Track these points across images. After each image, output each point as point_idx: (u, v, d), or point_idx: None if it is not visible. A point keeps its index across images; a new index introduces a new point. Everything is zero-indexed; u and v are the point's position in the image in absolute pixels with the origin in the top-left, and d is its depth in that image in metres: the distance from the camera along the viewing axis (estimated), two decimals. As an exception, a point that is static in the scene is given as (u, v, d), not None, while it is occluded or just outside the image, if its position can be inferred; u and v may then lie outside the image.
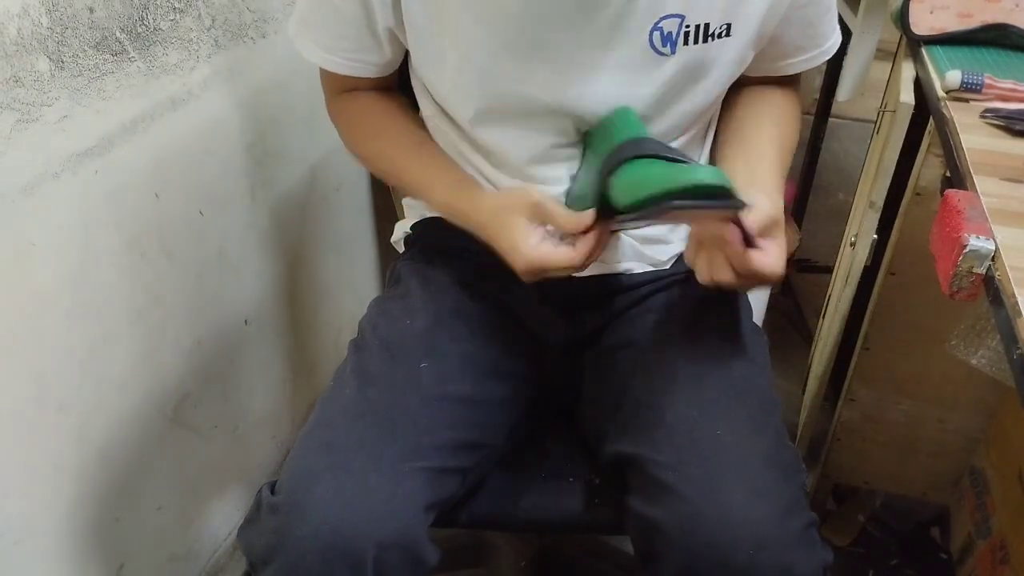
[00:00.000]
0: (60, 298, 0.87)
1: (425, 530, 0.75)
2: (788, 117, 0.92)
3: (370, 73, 0.87)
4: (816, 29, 0.87)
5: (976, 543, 1.28)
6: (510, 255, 0.78)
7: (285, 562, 0.70)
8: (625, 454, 0.79)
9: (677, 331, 0.87)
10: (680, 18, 0.77)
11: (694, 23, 0.77)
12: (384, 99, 0.92)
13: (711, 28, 0.78)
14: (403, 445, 0.76)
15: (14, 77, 0.77)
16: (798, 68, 0.90)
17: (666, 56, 0.78)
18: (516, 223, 0.77)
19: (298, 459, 0.75)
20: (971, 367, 1.02)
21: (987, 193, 0.77)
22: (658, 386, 0.81)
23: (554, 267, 0.76)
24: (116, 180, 0.91)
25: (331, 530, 0.70)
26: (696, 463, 0.74)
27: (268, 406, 1.31)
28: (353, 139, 0.94)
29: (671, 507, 0.72)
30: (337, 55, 0.85)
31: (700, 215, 0.72)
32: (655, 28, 0.77)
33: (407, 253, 1.00)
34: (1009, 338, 0.62)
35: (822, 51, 0.90)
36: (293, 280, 1.32)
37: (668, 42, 0.78)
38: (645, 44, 0.77)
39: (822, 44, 0.89)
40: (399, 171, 0.91)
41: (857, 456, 1.39)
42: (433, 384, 0.81)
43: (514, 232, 0.77)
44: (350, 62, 0.86)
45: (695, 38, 0.78)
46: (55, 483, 0.91)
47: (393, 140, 0.90)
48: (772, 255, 0.73)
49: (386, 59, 0.86)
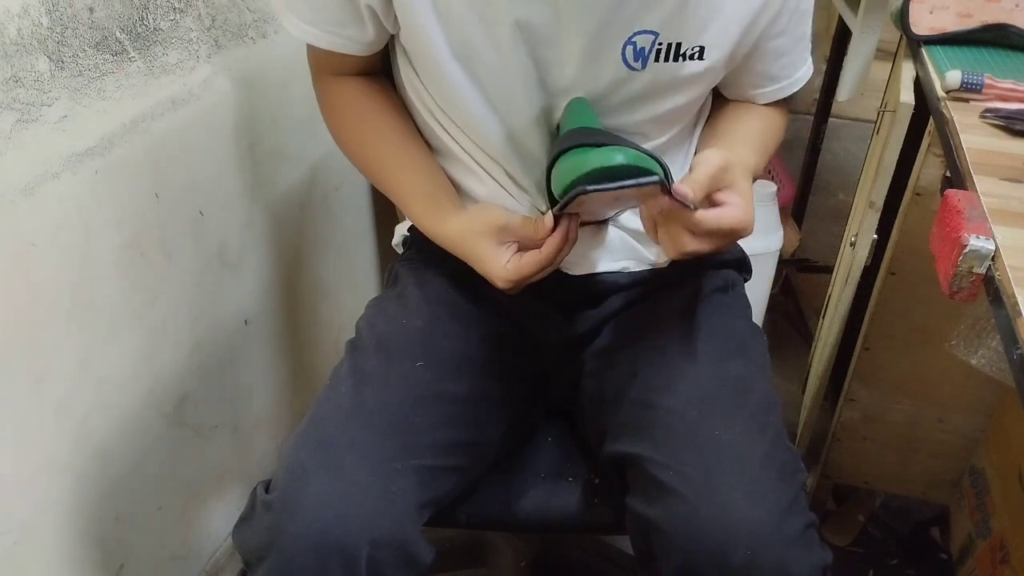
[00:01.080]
0: (60, 298, 0.87)
1: (419, 528, 0.75)
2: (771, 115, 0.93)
3: (353, 51, 0.85)
4: (788, 59, 0.88)
5: (976, 543, 1.28)
6: (486, 276, 0.80)
7: (278, 560, 0.70)
8: (624, 454, 0.79)
9: (676, 330, 0.87)
10: (654, 35, 0.77)
11: (667, 41, 0.78)
12: (368, 88, 0.89)
13: (683, 48, 0.78)
14: (397, 443, 0.76)
15: (14, 77, 0.77)
16: (769, 98, 0.91)
17: (636, 71, 0.79)
18: (484, 247, 0.79)
19: (291, 457, 0.75)
20: (971, 367, 1.02)
21: (987, 193, 0.77)
22: (657, 385, 0.81)
23: (530, 275, 0.78)
24: (116, 180, 0.91)
25: (324, 528, 0.70)
26: (695, 463, 0.74)
27: (268, 406, 1.31)
28: (334, 128, 0.93)
29: (669, 507, 0.72)
30: (318, 27, 0.83)
31: (624, 195, 0.71)
32: (628, 42, 0.77)
33: (405, 254, 1.00)
34: (1009, 338, 0.62)
35: (792, 81, 0.90)
36: (293, 280, 1.32)
37: (640, 57, 0.78)
38: (617, 58, 0.78)
39: (792, 75, 0.90)
40: (375, 175, 0.91)
41: (857, 456, 1.39)
42: (428, 383, 0.81)
43: (484, 256, 0.79)
44: (331, 35, 0.83)
45: (667, 56, 0.78)
46: (55, 483, 0.91)
47: (372, 141, 0.89)
48: (733, 206, 0.73)
49: (368, 38, 0.84)
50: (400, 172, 0.88)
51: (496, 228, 0.79)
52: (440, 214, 0.85)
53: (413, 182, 0.87)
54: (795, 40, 0.86)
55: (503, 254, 0.79)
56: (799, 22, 0.85)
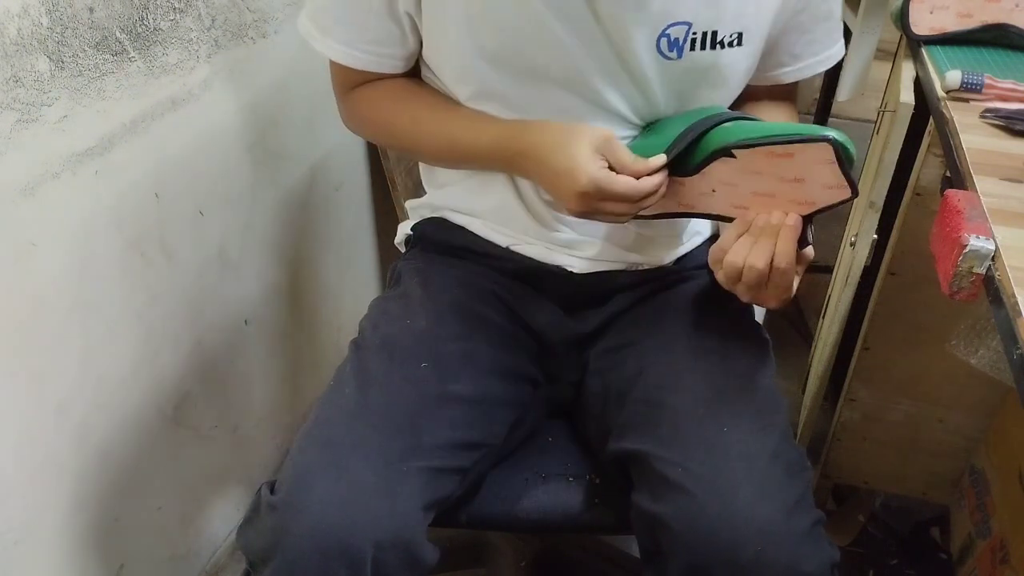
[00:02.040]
0: (60, 298, 0.87)
1: (424, 530, 0.75)
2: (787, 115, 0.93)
3: (391, 68, 0.85)
4: (811, 36, 0.87)
5: (976, 543, 1.28)
6: (568, 175, 0.76)
7: (283, 561, 0.70)
8: (629, 451, 0.79)
9: (681, 329, 0.87)
10: (687, 25, 0.77)
11: (701, 30, 0.78)
12: (402, 79, 0.88)
13: (719, 36, 0.78)
14: (402, 445, 0.76)
15: (14, 77, 0.77)
16: (793, 76, 0.90)
17: (672, 60, 0.79)
18: (581, 146, 0.76)
19: (297, 458, 0.75)
20: (971, 367, 1.02)
21: (987, 193, 0.77)
22: (663, 383, 0.81)
23: (613, 192, 0.75)
24: (116, 180, 0.91)
25: (329, 529, 0.70)
26: (702, 460, 0.74)
27: (268, 406, 1.31)
28: (376, 123, 0.91)
29: (677, 504, 0.72)
30: (357, 48, 0.83)
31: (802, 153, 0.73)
32: (663, 35, 0.77)
33: (408, 253, 1.00)
34: (1009, 338, 0.62)
35: (818, 60, 0.89)
36: (293, 280, 1.32)
37: (675, 47, 0.78)
38: (652, 48, 0.78)
39: (818, 52, 0.89)
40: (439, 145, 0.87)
41: (857, 456, 1.39)
42: (433, 384, 0.81)
43: (578, 153, 0.76)
44: (371, 56, 0.83)
45: (702, 44, 0.78)
46: (55, 483, 0.91)
47: (427, 105, 0.87)
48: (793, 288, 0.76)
49: (409, 50, 0.84)
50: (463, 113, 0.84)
51: (603, 138, 0.76)
52: (522, 124, 0.82)
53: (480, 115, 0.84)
54: (818, 18, 0.86)
55: (598, 159, 0.76)
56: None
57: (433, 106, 0.86)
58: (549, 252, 0.90)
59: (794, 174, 0.74)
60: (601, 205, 0.76)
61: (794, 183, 0.74)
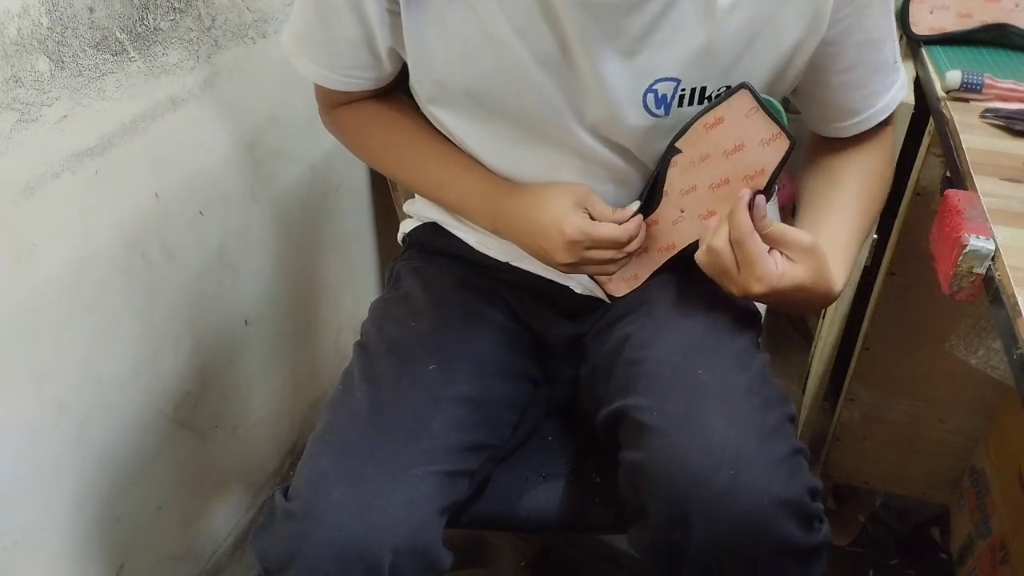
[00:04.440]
0: (60, 298, 0.87)
1: (440, 534, 0.75)
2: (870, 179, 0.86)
3: (368, 87, 0.86)
4: (867, 90, 0.83)
5: (976, 543, 1.28)
6: (554, 226, 0.78)
7: (302, 569, 0.70)
8: (614, 410, 0.78)
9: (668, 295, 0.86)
10: (675, 82, 0.76)
11: (690, 87, 0.76)
12: (387, 105, 0.90)
13: (708, 91, 0.77)
14: (416, 449, 0.75)
15: (14, 77, 0.77)
16: (851, 131, 0.86)
17: (660, 117, 0.78)
18: (564, 200, 0.79)
19: (311, 465, 0.75)
20: (971, 367, 1.02)
21: (987, 193, 0.77)
22: (644, 341, 0.81)
23: (600, 238, 0.77)
24: (116, 180, 0.91)
25: (347, 537, 0.69)
26: (676, 401, 0.73)
27: (268, 406, 1.31)
28: (362, 149, 0.93)
29: (653, 445, 0.72)
30: (335, 72, 0.84)
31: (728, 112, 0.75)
32: (649, 90, 0.76)
33: (405, 254, 1.00)
34: (1009, 338, 0.62)
35: (875, 111, 0.84)
36: (293, 280, 1.32)
37: (662, 104, 0.77)
38: (639, 104, 0.77)
39: (875, 104, 0.84)
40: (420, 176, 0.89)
41: (857, 456, 1.39)
42: (441, 386, 0.81)
43: (560, 205, 0.78)
44: (347, 78, 0.84)
45: (690, 100, 0.77)
46: (55, 483, 0.91)
47: (409, 143, 0.88)
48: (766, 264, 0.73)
49: (385, 73, 0.85)
50: (450, 159, 0.86)
51: (582, 193, 0.80)
52: (507, 185, 0.84)
53: (467, 162, 0.86)
54: (871, 71, 0.81)
55: (581, 211, 0.79)
56: (873, 51, 0.80)
57: (419, 149, 0.88)
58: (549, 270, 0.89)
59: (732, 141, 0.75)
60: (589, 254, 0.78)
61: (736, 153, 0.76)
